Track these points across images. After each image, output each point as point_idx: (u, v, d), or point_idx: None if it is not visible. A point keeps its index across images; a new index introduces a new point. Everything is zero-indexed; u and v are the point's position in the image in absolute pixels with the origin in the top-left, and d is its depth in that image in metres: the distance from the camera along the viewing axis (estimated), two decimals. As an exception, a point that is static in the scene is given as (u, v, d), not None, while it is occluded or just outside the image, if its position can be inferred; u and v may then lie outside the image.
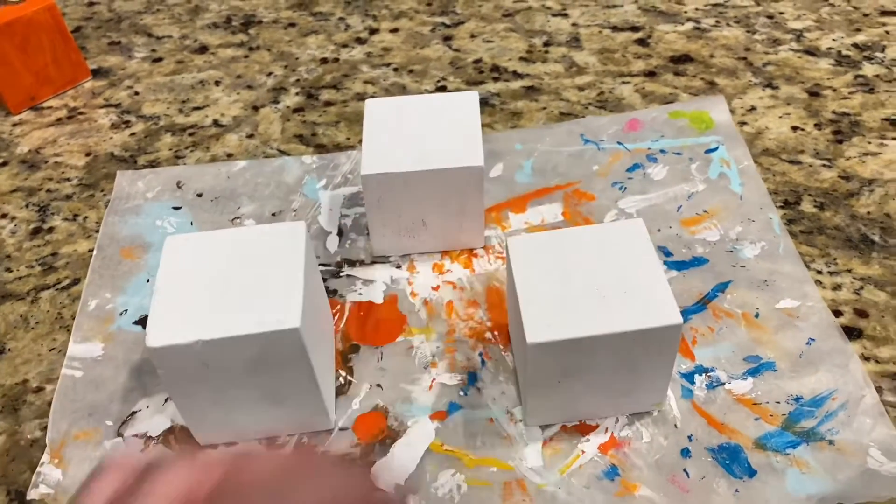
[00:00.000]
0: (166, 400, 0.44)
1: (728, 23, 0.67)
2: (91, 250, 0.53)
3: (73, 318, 0.49)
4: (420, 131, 0.48)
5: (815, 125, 0.57)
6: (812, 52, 0.64)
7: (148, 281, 0.51)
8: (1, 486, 0.42)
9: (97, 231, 0.54)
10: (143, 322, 0.48)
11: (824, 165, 0.54)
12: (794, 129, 0.57)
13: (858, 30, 0.65)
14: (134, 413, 0.44)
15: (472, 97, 0.50)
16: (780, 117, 0.58)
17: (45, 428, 0.44)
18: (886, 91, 0.59)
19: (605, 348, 0.37)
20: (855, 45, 0.64)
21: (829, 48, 0.64)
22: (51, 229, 0.55)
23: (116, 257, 0.52)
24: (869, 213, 0.51)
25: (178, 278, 0.39)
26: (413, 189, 0.47)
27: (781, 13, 0.68)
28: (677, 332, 0.37)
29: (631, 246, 0.40)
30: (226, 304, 0.38)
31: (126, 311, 0.49)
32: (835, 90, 0.60)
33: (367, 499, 0.30)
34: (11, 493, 0.41)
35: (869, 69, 0.61)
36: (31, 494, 0.41)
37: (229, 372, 0.38)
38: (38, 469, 0.42)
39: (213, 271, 0.39)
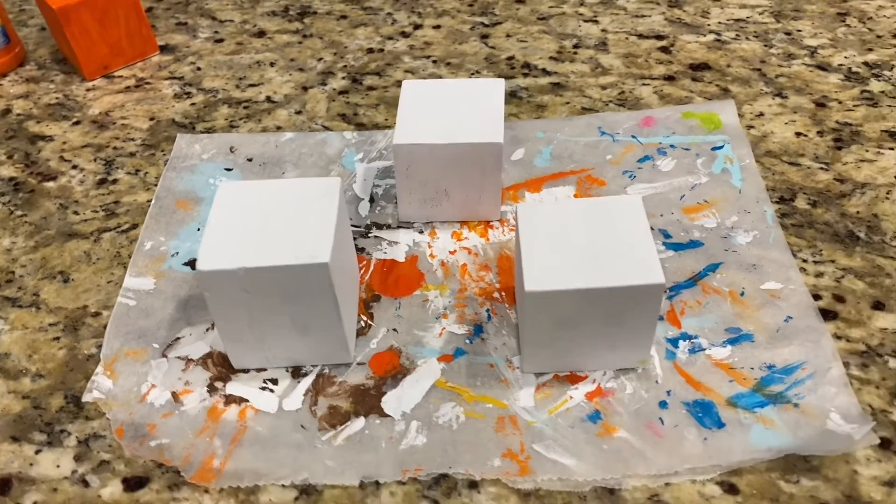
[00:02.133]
0: (207, 329, 0.50)
1: (748, 37, 0.72)
2: (149, 201, 0.59)
3: (130, 257, 0.55)
4: (449, 110, 0.53)
5: (818, 132, 0.61)
6: (824, 67, 0.68)
7: (198, 230, 0.57)
8: (59, 391, 0.48)
9: (156, 185, 0.61)
10: (191, 264, 0.54)
11: (822, 168, 0.58)
12: (798, 134, 0.61)
13: (870, 49, 0.69)
14: (178, 339, 0.50)
15: (498, 83, 0.55)
16: (786, 123, 0.62)
17: (101, 346, 0.50)
18: (889, 106, 0.63)
19: (595, 301, 0.42)
20: (865, 64, 0.68)
21: (841, 65, 0.68)
22: (115, 181, 0.62)
23: (172, 207, 0.58)
24: (858, 212, 0.55)
25: (227, 217, 0.45)
26: (438, 160, 0.52)
27: (799, 31, 0.72)
28: (659, 291, 0.42)
29: (628, 218, 0.45)
30: (267, 240, 0.43)
31: (177, 253, 0.55)
32: (840, 102, 0.64)
33: None
34: (68, 396, 0.47)
35: (876, 86, 0.65)
36: (86, 398, 0.47)
37: (265, 299, 0.44)
38: (92, 378, 0.48)
39: (258, 213, 0.45)
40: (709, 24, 0.74)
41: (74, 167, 0.63)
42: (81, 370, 0.49)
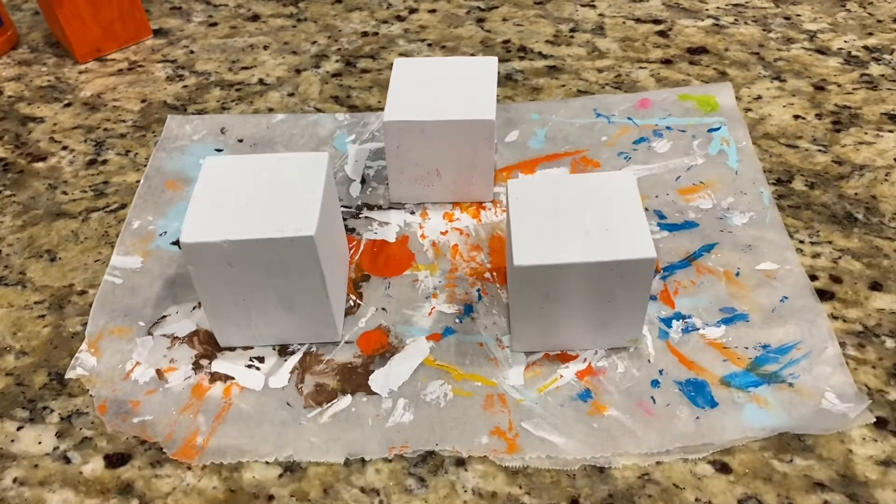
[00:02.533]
0: (194, 308, 0.50)
1: (746, 21, 0.71)
2: (139, 181, 0.59)
3: (118, 237, 0.55)
4: (441, 88, 0.53)
5: (816, 115, 0.60)
6: (823, 51, 0.67)
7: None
8: (43, 368, 0.47)
9: (146, 165, 0.60)
10: (179, 243, 0.54)
11: (820, 150, 0.57)
12: (796, 117, 0.60)
13: (871, 34, 0.69)
14: (164, 317, 0.49)
15: (491, 62, 0.55)
16: (784, 106, 0.61)
17: (86, 324, 0.49)
18: (889, 89, 0.62)
19: (585, 276, 0.41)
20: (865, 48, 0.67)
21: (840, 48, 0.67)
22: (104, 161, 0.61)
23: (161, 187, 0.58)
24: (856, 194, 0.54)
25: (212, 191, 0.44)
26: (429, 138, 0.52)
27: (798, 15, 0.71)
28: (651, 266, 0.41)
29: (619, 194, 0.44)
30: (252, 213, 0.43)
31: (165, 232, 0.54)
32: (839, 86, 0.63)
33: None
34: (52, 373, 0.47)
35: (875, 69, 0.65)
36: (69, 374, 0.46)
37: (250, 274, 0.43)
38: (76, 355, 0.47)
39: (244, 187, 0.44)
40: (707, 9, 0.73)
41: (64, 148, 0.62)
42: (66, 348, 0.48)
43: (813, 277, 0.49)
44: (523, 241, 0.42)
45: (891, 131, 0.58)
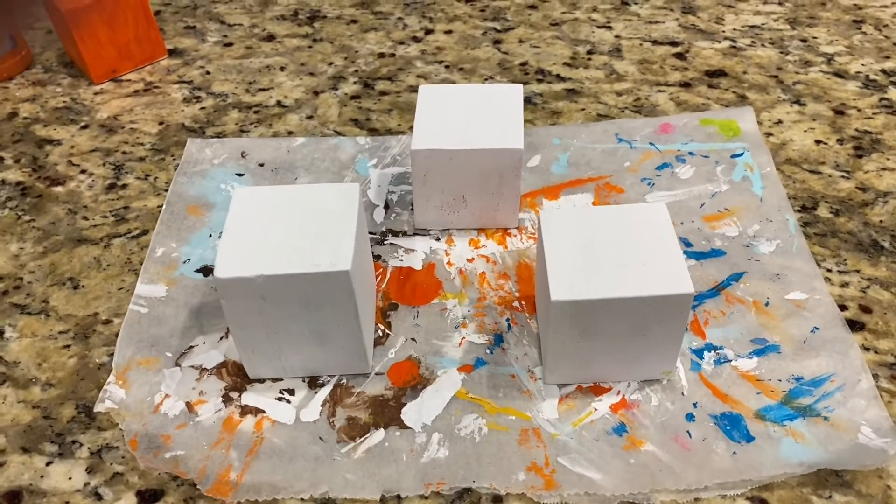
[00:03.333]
0: (221, 338, 0.49)
1: (763, 43, 0.71)
2: (160, 206, 0.58)
3: (141, 264, 0.54)
4: (467, 115, 0.53)
5: (838, 140, 0.61)
6: (841, 74, 0.67)
7: (210, 235, 0.56)
8: (70, 401, 0.47)
9: (166, 190, 0.60)
10: (203, 271, 0.53)
11: (843, 176, 0.58)
12: (818, 142, 0.61)
13: (888, 57, 0.69)
14: (191, 347, 0.49)
15: (516, 89, 0.54)
16: (805, 131, 0.62)
17: (112, 354, 0.49)
18: (909, 114, 0.63)
19: (621, 312, 0.41)
20: (883, 71, 0.67)
21: (858, 72, 0.67)
22: (124, 186, 0.61)
23: (183, 213, 0.57)
24: (881, 221, 0.54)
25: (245, 223, 0.44)
26: (456, 166, 0.51)
27: (815, 38, 0.72)
28: (688, 301, 0.41)
29: (653, 226, 0.44)
30: (286, 247, 0.42)
31: (189, 259, 0.54)
32: (859, 110, 0.63)
33: None
34: (80, 406, 0.46)
35: (894, 93, 0.65)
36: (98, 408, 0.46)
37: (284, 308, 0.43)
38: (104, 387, 0.47)
39: (276, 219, 0.44)
40: (723, 31, 0.73)
41: (83, 172, 0.62)
42: (93, 379, 0.48)
43: (842, 307, 0.49)
44: (559, 275, 0.42)
45: (913, 157, 0.59)
